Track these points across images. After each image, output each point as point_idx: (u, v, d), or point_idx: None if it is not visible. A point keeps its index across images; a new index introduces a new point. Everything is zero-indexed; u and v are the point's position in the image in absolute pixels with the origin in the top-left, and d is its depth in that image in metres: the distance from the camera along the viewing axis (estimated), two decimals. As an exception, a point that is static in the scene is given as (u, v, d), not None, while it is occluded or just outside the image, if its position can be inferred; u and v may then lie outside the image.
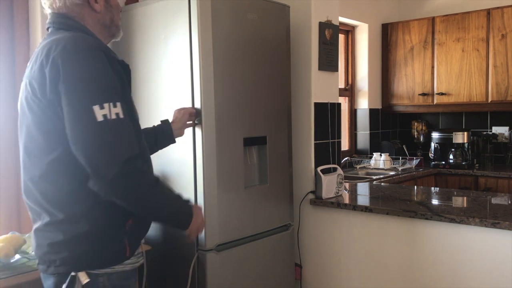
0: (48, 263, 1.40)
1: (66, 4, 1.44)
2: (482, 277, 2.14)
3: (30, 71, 1.37)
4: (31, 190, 1.41)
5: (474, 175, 4.07)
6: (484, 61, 4.17)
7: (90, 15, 1.47)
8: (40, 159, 1.36)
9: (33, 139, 1.37)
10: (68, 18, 1.44)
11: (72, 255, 1.36)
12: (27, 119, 1.38)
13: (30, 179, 1.40)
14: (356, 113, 4.71)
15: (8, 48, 2.30)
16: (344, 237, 2.60)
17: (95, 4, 1.47)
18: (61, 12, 1.45)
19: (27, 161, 1.41)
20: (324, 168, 2.69)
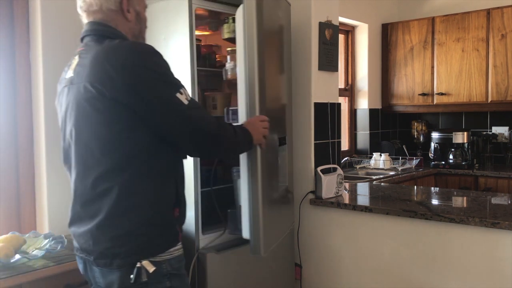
0: (111, 257, 1.43)
1: (102, 9, 1.53)
2: (482, 277, 2.14)
3: (87, 75, 1.41)
4: (88, 187, 1.45)
5: (474, 175, 4.07)
6: (484, 61, 4.17)
7: (123, 22, 1.57)
8: (106, 156, 1.43)
9: (99, 137, 1.43)
10: (110, 27, 1.54)
11: (135, 245, 1.42)
12: (89, 118, 1.43)
13: (92, 176, 1.44)
14: (356, 113, 4.71)
15: (8, 48, 2.30)
16: (344, 237, 2.60)
17: (127, 13, 1.57)
18: (98, 18, 1.54)
19: (90, 159, 1.45)
20: (324, 168, 2.69)
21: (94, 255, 1.46)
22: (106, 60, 1.40)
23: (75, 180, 1.51)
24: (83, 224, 1.49)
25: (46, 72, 2.33)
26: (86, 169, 1.47)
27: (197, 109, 1.50)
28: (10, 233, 2.03)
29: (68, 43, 2.42)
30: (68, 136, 1.53)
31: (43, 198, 2.36)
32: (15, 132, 2.33)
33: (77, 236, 1.52)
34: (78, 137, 1.48)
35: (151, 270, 1.42)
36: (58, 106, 1.61)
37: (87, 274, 1.55)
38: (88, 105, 1.42)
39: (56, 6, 2.36)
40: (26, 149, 2.36)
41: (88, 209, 1.47)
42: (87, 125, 1.45)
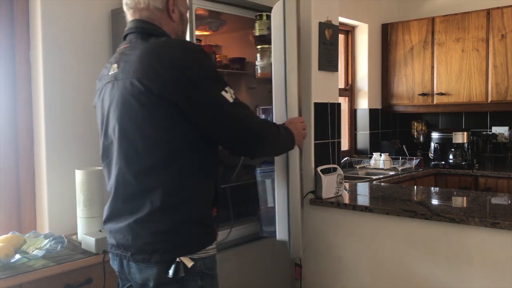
0: (150, 252, 1.44)
1: (149, 7, 1.56)
2: (482, 277, 2.14)
3: (134, 71, 1.42)
4: (131, 183, 1.46)
5: (474, 175, 4.07)
6: (484, 61, 4.17)
7: (167, 22, 1.59)
8: (150, 152, 1.43)
9: (145, 133, 1.44)
10: (155, 26, 1.56)
11: (175, 242, 1.44)
12: (135, 114, 1.44)
13: (135, 172, 1.45)
14: (356, 113, 4.71)
15: (8, 48, 2.30)
16: (344, 237, 2.60)
17: (172, 13, 1.59)
18: (144, 17, 1.56)
19: (134, 155, 1.45)
20: (324, 168, 2.68)
21: (132, 250, 1.46)
22: (154, 57, 1.41)
23: (116, 176, 1.50)
24: (122, 220, 1.49)
25: (46, 72, 2.33)
26: (129, 165, 1.47)
27: (242, 107, 1.50)
28: (10, 233, 2.03)
29: (68, 43, 2.42)
30: (111, 132, 1.52)
31: (43, 198, 2.36)
32: (15, 132, 2.33)
33: (114, 232, 1.52)
34: (122, 133, 1.48)
35: (190, 265, 1.43)
36: (99, 102, 1.60)
37: (123, 271, 1.54)
38: (134, 100, 1.43)
39: (56, 6, 2.36)
40: (26, 149, 2.36)
41: (129, 204, 1.47)
42: (132, 121, 1.45)
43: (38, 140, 2.36)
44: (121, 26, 2.50)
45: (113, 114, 1.50)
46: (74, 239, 2.23)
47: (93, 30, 2.52)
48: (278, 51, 1.91)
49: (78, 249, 2.09)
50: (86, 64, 2.49)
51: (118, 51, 1.58)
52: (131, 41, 1.55)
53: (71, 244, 2.16)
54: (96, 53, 2.53)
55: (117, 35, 2.54)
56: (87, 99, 2.50)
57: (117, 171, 1.50)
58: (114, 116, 1.50)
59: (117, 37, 2.54)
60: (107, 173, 1.58)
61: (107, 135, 1.55)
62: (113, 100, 1.50)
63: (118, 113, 1.48)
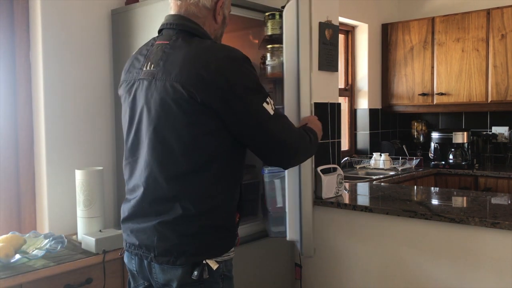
0: (176, 254, 1.43)
1: (199, 4, 1.53)
2: (482, 277, 2.14)
3: (177, 75, 1.40)
4: (162, 186, 1.44)
5: (474, 175, 4.07)
6: (484, 61, 4.17)
7: (211, 23, 1.57)
8: (186, 158, 1.43)
9: (182, 138, 1.42)
10: (198, 25, 1.53)
11: (202, 245, 1.45)
12: (174, 118, 1.42)
13: (168, 176, 1.44)
14: (356, 113, 4.71)
15: (8, 48, 2.31)
16: (344, 237, 2.61)
17: (218, 15, 1.57)
18: (190, 13, 1.53)
19: (168, 159, 1.44)
20: (324, 168, 2.69)
21: (156, 252, 1.45)
22: (200, 64, 1.39)
23: (147, 177, 1.47)
24: (146, 220, 1.47)
25: (46, 72, 2.33)
26: (163, 168, 1.45)
27: (281, 119, 1.51)
28: (10, 233, 2.03)
29: (68, 43, 2.43)
30: (143, 132, 1.48)
31: (43, 198, 2.36)
32: (15, 132, 2.33)
33: (136, 232, 1.50)
34: (157, 135, 1.44)
35: (215, 267, 1.45)
36: (128, 96, 1.55)
37: (142, 271, 1.53)
38: (175, 105, 1.40)
39: (56, 6, 2.36)
40: (26, 149, 2.36)
41: (157, 206, 1.46)
42: (169, 125, 1.43)
43: (38, 140, 2.36)
44: (121, 26, 2.51)
45: (149, 114, 1.46)
46: (74, 239, 2.23)
47: (93, 30, 2.52)
48: (290, 50, 1.91)
49: (78, 249, 2.09)
50: (86, 64, 2.49)
51: (155, 45, 1.52)
52: (171, 38, 1.50)
53: (71, 244, 2.16)
54: (96, 53, 2.53)
55: (117, 35, 2.54)
56: (87, 99, 2.51)
57: (148, 173, 1.47)
58: (150, 117, 1.46)
59: (117, 37, 2.54)
60: (130, 171, 1.55)
61: (138, 133, 1.51)
62: (150, 100, 1.46)
63: (155, 115, 1.44)
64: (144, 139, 1.48)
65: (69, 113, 2.42)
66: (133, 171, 1.53)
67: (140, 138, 1.50)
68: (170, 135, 1.43)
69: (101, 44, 2.55)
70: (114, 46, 2.57)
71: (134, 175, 1.53)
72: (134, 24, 2.41)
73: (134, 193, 1.52)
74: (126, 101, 1.57)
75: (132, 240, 1.53)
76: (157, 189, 1.46)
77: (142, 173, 1.49)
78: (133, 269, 1.57)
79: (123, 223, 1.57)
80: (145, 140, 1.48)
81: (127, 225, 1.55)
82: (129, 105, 1.54)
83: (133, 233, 1.52)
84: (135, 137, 1.52)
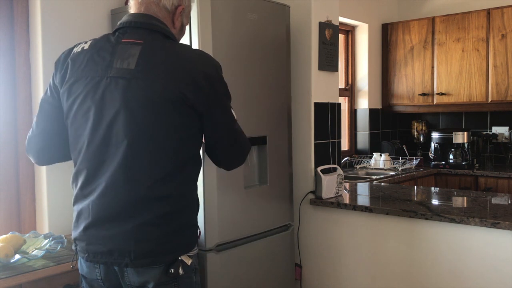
0: (154, 255, 1.44)
1: (160, 4, 1.55)
2: (482, 277, 2.14)
3: (168, 77, 1.41)
4: (142, 186, 1.43)
5: (474, 175, 4.07)
6: (484, 61, 4.17)
7: (170, 26, 1.58)
8: (170, 159, 1.46)
9: (171, 139, 1.45)
10: (167, 27, 1.56)
11: (178, 243, 1.49)
12: (163, 119, 1.43)
13: (152, 175, 1.43)
14: (356, 113, 4.71)
15: (8, 48, 2.30)
16: (344, 237, 2.61)
17: (176, 20, 1.60)
18: (151, 12, 1.54)
19: (154, 159, 1.44)
20: (324, 168, 2.69)
21: (134, 255, 1.42)
22: (190, 67, 1.45)
23: (123, 180, 1.42)
24: (118, 224, 1.42)
25: (46, 72, 2.33)
26: (146, 168, 1.43)
27: (236, 123, 1.61)
28: (10, 233, 2.03)
29: (68, 43, 2.42)
30: (119, 133, 1.41)
31: (43, 198, 2.36)
32: (15, 132, 2.33)
33: (104, 238, 1.44)
34: (142, 136, 1.42)
35: (189, 262, 1.50)
36: (91, 92, 1.45)
37: (110, 278, 1.49)
38: (165, 105, 1.41)
39: (56, 6, 2.36)
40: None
41: (133, 208, 1.42)
42: (158, 125, 1.42)
43: (38, 140, 2.36)
44: (121, 26, 2.50)
45: (130, 115, 1.41)
46: (74, 239, 2.23)
47: (92, 30, 2.51)
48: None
49: (78, 249, 2.08)
50: (86, 64, 2.48)
51: (124, 43, 1.47)
52: (144, 38, 1.47)
53: (71, 244, 2.16)
54: (96, 53, 2.53)
55: (117, 35, 2.54)
56: (87, 99, 2.50)
57: (125, 174, 1.42)
58: (132, 117, 1.41)
59: (117, 37, 2.54)
60: (91, 174, 1.46)
61: (108, 134, 1.43)
62: (130, 99, 1.41)
63: (140, 115, 1.41)
64: (118, 140, 1.42)
65: (69, 113, 2.42)
66: (97, 174, 1.45)
67: (111, 140, 1.43)
68: (158, 135, 1.43)
69: (101, 44, 2.55)
70: (114, 46, 2.57)
71: (98, 179, 1.45)
72: (134, 24, 2.41)
73: (99, 198, 1.44)
74: (87, 99, 1.46)
75: (96, 248, 1.45)
76: (134, 190, 1.42)
77: (113, 175, 1.42)
78: (96, 278, 1.51)
79: (83, 231, 1.47)
80: (122, 141, 1.41)
81: (88, 233, 1.46)
82: (95, 103, 1.44)
83: (99, 240, 1.45)
84: (104, 139, 1.44)
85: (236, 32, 2.24)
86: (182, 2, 1.60)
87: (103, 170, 1.45)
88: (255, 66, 2.35)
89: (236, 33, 2.24)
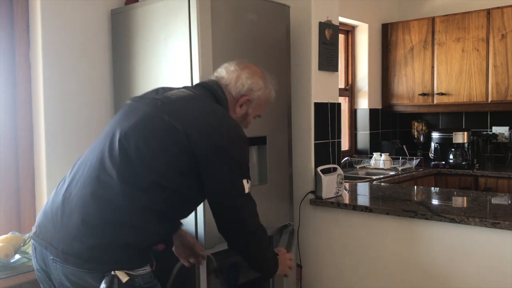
0: (92, 263, 1.45)
1: (228, 87, 1.69)
2: (482, 277, 2.14)
3: (185, 119, 1.51)
4: (99, 197, 1.47)
5: (474, 175, 4.07)
6: (484, 61, 4.17)
7: (231, 109, 1.70)
8: (155, 185, 1.48)
9: (160, 165, 1.49)
10: (225, 98, 1.68)
11: (110, 257, 1.46)
12: (164, 149, 1.49)
13: (120, 187, 1.47)
14: (356, 113, 4.71)
15: (8, 48, 2.30)
16: (344, 237, 2.60)
17: (238, 107, 1.71)
18: (221, 85, 1.69)
19: (131, 173, 1.48)
20: (324, 168, 2.68)
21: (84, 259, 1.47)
22: (218, 132, 1.53)
23: (117, 192, 1.48)
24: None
25: (46, 72, 2.33)
26: (128, 187, 1.47)
27: (251, 202, 1.61)
28: (10, 233, 2.03)
29: (68, 42, 2.43)
30: (127, 147, 1.51)
31: (43, 198, 2.36)
32: (15, 132, 2.33)
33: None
34: (138, 154, 1.49)
35: (124, 279, 1.44)
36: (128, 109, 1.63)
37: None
38: (173, 142, 1.49)
39: (56, 6, 2.36)
40: (26, 149, 2.36)
41: (85, 213, 1.47)
42: (160, 152, 1.49)
43: (38, 140, 2.36)
44: (121, 26, 2.51)
45: (138, 131, 1.51)
46: (74, 239, 2.23)
47: (93, 30, 2.52)
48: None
49: (78, 249, 2.08)
50: (86, 64, 2.49)
51: (187, 88, 1.70)
52: (197, 88, 1.67)
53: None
54: (96, 52, 2.53)
55: (116, 35, 2.54)
56: (87, 99, 2.51)
57: (122, 188, 1.48)
58: (139, 135, 1.51)
59: (116, 37, 2.54)
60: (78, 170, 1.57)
61: (122, 147, 1.51)
62: (144, 118, 1.53)
63: (147, 133, 1.51)
64: (123, 153, 1.50)
65: (69, 113, 2.42)
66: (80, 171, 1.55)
67: (117, 149, 1.52)
68: (155, 159, 1.49)
69: (101, 44, 2.55)
70: (113, 46, 2.57)
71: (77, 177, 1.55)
72: (134, 24, 2.41)
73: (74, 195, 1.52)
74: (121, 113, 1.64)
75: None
76: (112, 201, 1.47)
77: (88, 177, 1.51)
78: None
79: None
80: (123, 153, 1.50)
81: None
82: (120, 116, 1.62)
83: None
84: (111, 148, 1.54)
85: (236, 32, 2.24)
86: (249, 93, 1.70)
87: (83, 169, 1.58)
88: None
89: (236, 33, 2.24)
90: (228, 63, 1.76)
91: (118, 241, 1.46)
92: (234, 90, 1.68)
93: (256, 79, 1.71)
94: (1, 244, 1.89)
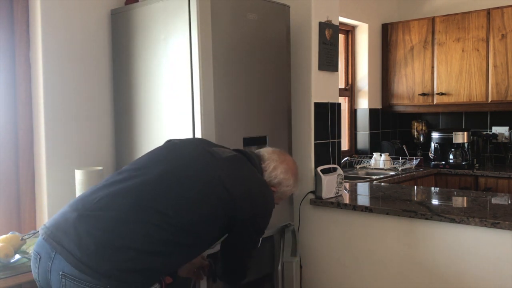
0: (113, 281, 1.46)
1: (271, 177, 1.81)
2: (482, 277, 2.14)
3: (231, 183, 1.61)
4: (128, 232, 1.50)
5: (474, 175, 4.07)
6: (484, 61, 4.17)
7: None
8: (186, 211, 1.56)
9: (195, 207, 1.57)
10: (261, 167, 1.81)
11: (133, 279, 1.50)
12: (198, 186, 1.59)
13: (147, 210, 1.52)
14: (356, 113, 4.71)
15: (8, 48, 2.30)
16: (344, 237, 2.60)
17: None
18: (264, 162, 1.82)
19: (167, 208, 1.53)
20: (324, 168, 2.68)
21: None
22: (256, 199, 1.67)
23: (128, 221, 1.51)
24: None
25: (46, 72, 2.33)
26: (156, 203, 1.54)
27: (255, 249, 1.80)
28: (10, 233, 2.03)
29: (68, 43, 2.42)
30: (165, 174, 1.60)
31: (43, 198, 2.36)
32: (15, 132, 2.33)
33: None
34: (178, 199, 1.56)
35: None
36: (175, 146, 1.75)
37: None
38: (215, 195, 1.58)
39: (56, 6, 2.36)
40: (26, 149, 2.36)
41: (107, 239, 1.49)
42: (194, 197, 1.57)
43: (38, 140, 2.36)
44: (121, 26, 2.51)
45: (190, 170, 1.62)
46: (74, 239, 2.23)
47: (93, 30, 2.52)
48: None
49: (78, 249, 2.08)
50: (86, 63, 2.49)
51: (231, 150, 1.79)
52: (239, 160, 1.75)
53: (71, 244, 2.15)
54: (96, 52, 2.53)
55: (116, 35, 2.54)
56: (87, 99, 2.51)
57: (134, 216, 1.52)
58: (182, 175, 1.60)
59: (116, 37, 2.54)
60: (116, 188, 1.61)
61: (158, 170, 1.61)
62: (201, 169, 1.63)
63: (196, 183, 1.59)
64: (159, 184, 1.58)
65: (69, 113, 2.42)
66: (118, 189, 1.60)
67: (151, 178, 1.60)
68: (192, 194, 1.57)
69: (101, 44, 2.55)
70: (113, 46, 2.57)
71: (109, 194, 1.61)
72: (134, 24, 2.41)
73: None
74: (173, 147, 1.76)
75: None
76: (122, 230, 1.50)
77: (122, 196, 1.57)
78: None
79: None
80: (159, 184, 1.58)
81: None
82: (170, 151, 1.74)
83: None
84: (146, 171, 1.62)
85: (236, 32, 2.24)
86: (277, 187, 1.81)
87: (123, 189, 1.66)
88: (255, 66, 2.35)
89: (236, 33, 2.24)
90: (273, 149, 1.88)
91: (144, 267, 1.51)
92: (267, 176, 1.79)
93: (289, 176, 1.83)
94: (1, 244, 1.89)
